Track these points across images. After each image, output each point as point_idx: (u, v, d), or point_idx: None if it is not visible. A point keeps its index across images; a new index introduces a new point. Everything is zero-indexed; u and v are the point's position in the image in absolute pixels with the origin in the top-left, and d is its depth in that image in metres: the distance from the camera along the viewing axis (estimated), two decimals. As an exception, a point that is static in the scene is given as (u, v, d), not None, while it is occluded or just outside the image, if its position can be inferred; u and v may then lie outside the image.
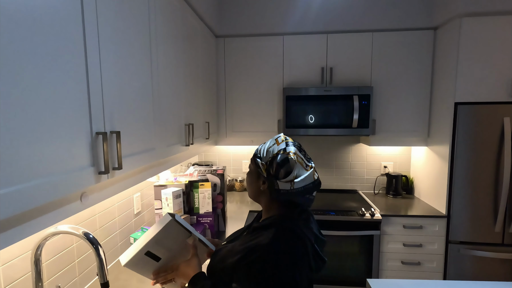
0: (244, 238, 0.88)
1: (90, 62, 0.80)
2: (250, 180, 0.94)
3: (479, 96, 1.96)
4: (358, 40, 2.27)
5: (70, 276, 1.17)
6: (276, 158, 0.84)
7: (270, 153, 0.87)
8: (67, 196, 0.76)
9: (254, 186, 0.92)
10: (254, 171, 0.92)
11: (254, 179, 0.91)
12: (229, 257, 0.83)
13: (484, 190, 2.00)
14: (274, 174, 0.84)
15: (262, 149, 0.90)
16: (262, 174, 0.87)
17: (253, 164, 0.91)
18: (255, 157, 0.90)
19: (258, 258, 0.76)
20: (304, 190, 0.83)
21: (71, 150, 0.74)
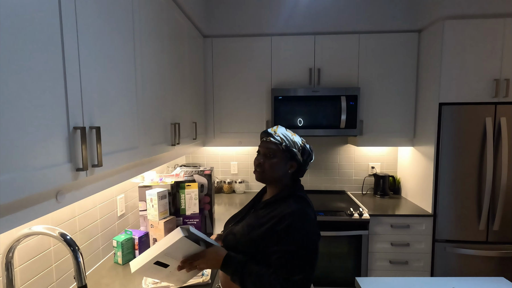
0: (260, 213, 1.05)
1: (67, 56, 0.77)
2: (277, 166, 1.06)
3: (462, 96, 2.01)
4: (345, 41, 2.30)
5: (46, 282, 1.11)
6: (305, 147, 1.08)
7: (297, 143, 1.07)
8: (41, 193, 0.71)
9: (281, 170, 1.06)
10: (283, 158, 1.06)
11: (283, 163, 1.06)
12: (252, 230, 1.00)
13: (468, 189, 2.04)
14: (306, 159, 1.08)
15: (288, 140, 1.06)
16: (297, 160, 1.07)
17: (281, 153, 1.06)
18: (289, 148, 1.05)
19: (289, 223, 0.94)
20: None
21: (46, 145, 0.70)
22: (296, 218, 0.95)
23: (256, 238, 0.98)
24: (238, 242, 1.02)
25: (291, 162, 1.07)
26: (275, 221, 0.96)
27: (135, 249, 1.46)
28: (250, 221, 1.04)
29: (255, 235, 0.99)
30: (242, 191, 2.70)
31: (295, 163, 1.07)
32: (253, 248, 0.98)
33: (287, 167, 1.07)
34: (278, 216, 0.97)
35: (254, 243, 0.98)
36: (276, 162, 1.06)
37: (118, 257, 1.40)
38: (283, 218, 0.95)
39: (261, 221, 1.00)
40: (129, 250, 1.43)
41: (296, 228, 0.94)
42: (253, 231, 1.00)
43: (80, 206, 1.30)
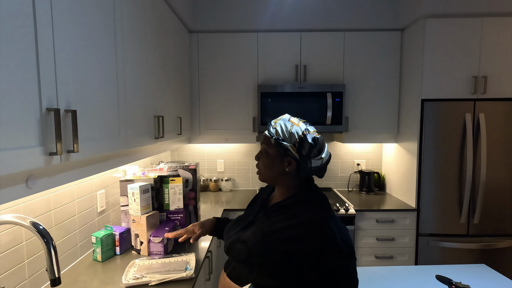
0: (274, 217, 0.88)
1: (40, 35, 0.72)
2: (270, 164, 0.92)
3: (443, 93, 2.06)
4: (330, 39, 2.32)
5: (17, 278, 1.04)
6: (305, 139, 0.87)
7: (295, 134, 0.88)
8: (9, 175, 0.67)
9: (275, 169, 0.91)
10: (275, 154, 0.91)
11: (277, 162, 0.91)
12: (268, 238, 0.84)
13: (450, 183, 2.09)
14: (307, 154, 0.87)
15: (283, 132, 0.89)
16: (291, 155, 0.88)
17: (272, 148, 0.91)
18: (280, 141, 0.88)
19: (324, 231, 0.80)
20: (327, 162, 0.90)
21: (15, 124, 0.66)
22: (331, 226, 0.80)
23: (276, 247, 0.82)
24: (251, 251, 0.85)
25: (287, 159, 0.89)
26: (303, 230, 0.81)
27: (115, 246, 1.40)
28: (263, 227, 0.88)
29: (272, 243, 0.83)
30: (228, 189, 2.66)
31: (291, 159, 0.89)
32: (269, 259, 0.82)
33: (284, 164, 0.90)
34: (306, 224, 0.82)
35: (273, 254, 0.81)
36: (267, 160, 0.92)
37: (97, 254, 1.34)
38: (314, 227, 0.81)
39: (279, 226, 0.85)
40: (109, 246, 1.37)
41: (337, 239, 0.79)
42: (269, 238, 0.84)
43: (57, 200, 1.23)
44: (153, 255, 1.36)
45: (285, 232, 0.82)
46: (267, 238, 0.84)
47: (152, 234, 1.37)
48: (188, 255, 1.34)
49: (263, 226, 0.89)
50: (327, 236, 0.79)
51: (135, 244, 1.43)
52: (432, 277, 1.28)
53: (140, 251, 1.41)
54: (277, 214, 0.89)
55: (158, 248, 1.35)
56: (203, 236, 1.33)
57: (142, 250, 1.40)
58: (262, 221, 0.91)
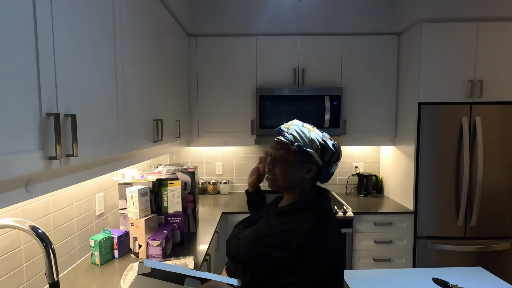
0: (273, 220, 0.89)
1: (40, 42, 0.73)
2: (288, 171, 0.89)
3: (439, 96, 2.08)
4: (328, 42, 2.34)
5: (16, 282, 1.04)
6: (327, 145, 0.88)
7: (316, 141, 0.88)
8: (9, 180, 0.67)
9: (294, 176, 0.89)
10: (294, 161, 0.88)
11: (296, 168, 0.89)
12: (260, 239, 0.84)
13: (447, 186, 2.10)
14: (328, 160, 0.88)
15: (302, 138, 0.87)
16: (315, 162, 0.88)
17: (292, 155, 0.88)
18: (302, 148, 0.86)
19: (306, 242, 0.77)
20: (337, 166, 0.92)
21: (15, 129, 0.66)
22: (319, 240, 0.77)
23: (260, 249, 0.82)
24: (240, 249, 0.87)
25: (308, 165, 0.88)
26: (288, 237, 0.80)
27: (114, 249, 1.40)
28: (260, 228, 0.89)
29: (260, 246, 0.83)
30: (227, 192, 2.67)
31: (313, 166, 0.88)
32: (254, 261, 0.82)
33: (303, 171, 0.89)
34: (292, 231, 0.80)
35: (256, 255, 0.82)
36: (287, 167, 0.89)
37: (96, 257, 1.34)
38: (298, 236, 0.78)
39: (272, 230, 0.85)
40: (108, 250, 1.37)
41: (318, 254, 0.76)
42: (260, 239, 0.84)
43: (55, 203, 1.24)
44: (152, 258, 1.36)
45: (273, 237, 0.83)
46: (258, 240, 0.85)
47: (151, 237, 1.38)
48: (187, 258, 1.35)
49: (261, 227, 0.89)
50: (308, 248, 0.76)
51: (133, 248, 1.43)
52: (429, 280, 1.28)
53: (138, 254, 1.41)
54: (277, 218, 0.89)
55: (156, 251, 1.36)
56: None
57: (140, 254, 1.40)
58: (263, 222, 0.92)
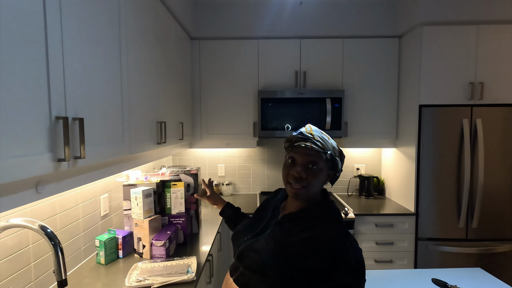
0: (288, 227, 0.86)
1: (51, 49, 0.76)
2: (322, 179, 0.87)
3: (440, 99, 2.10)
4: (329, 45, 2.37)
5: (24, 281, 1.07)
6: (342, 152, 0.92)
7: (337, 148, 0.90)
8: (20, 181, 0.70)
9: (321, 183, 0.88)
10: (325, 169, 0.87)
11: (324, 176, 0.88)
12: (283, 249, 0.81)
13: (448, 188, 2.11)
14: (341, 167, 0.92)
15: (327, 145, 0.87)
16: (338, 169, 0.90)
17: (323, 162, 0.86)
18: (333, 156, 0.87)
19: (339, 249, 0.77)
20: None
21: (27, 132, 0.69)
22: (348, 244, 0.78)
23: (289, 260, 0.79)
24: (265, 263, 0.81)
25: (330, 172, 0.89)
26: (317, 244, 0.79)
27: (118, 249, 1.43)
28: (277, 237, 0.85)
29: (287, 256, 0.80)
30: (229, 193, 2.69)
31: (332, 172, 0.89)
32: (287, 273, 0.78)
33: (326, 178, 0.89)
34: (320, 239, 0.80)
35: (288, 267, 0.79)
36: (321, 174, 0.86)
37: (101, 257, 1.36)
38: (330, 244, 0.78)
39: (294, 239, 0.82)
40: (112, 250, 1.40)
41: (349, 258, 0.76)
42: (284, 250, 0.81)
43: (62, 204, 1.27)
44: (155, 258, 1.39)
45: (301, 246, 0.80)
46: (282, 251, 0.81)
47: (155, 238, 1.40)
48: (190, 259, 1.37)
49: (277, 237, 0.85)
50: (340, 253, 0.77)
51: (137, 248, 1.46)
52: (428, 281, 1.30)
53: (142, 255, 1.44)
54: (292, 225, 0.86)
55: (160, 251, 1.38)
56: (206, 199, 1.45)
57: (144, 254, 1.43)
58: (275, 231, 0.87)
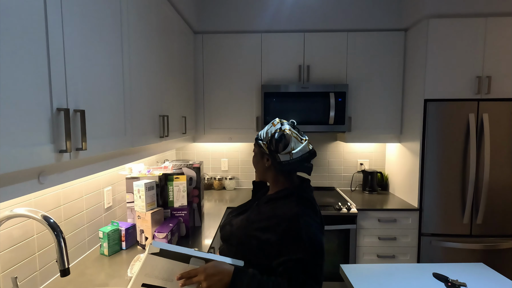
0: (262, 208, 0.98)
1: (51, 42, 0.77)
2: (256, 161, 1.07)
3: (446, 93, 2.07)
4: (333, 39, 2.34)
5: (29, 270, 1.09)
6: (274, 136, 0.98)
7: (269, 134, 1.00)
8: (23, 171, 0.71)
9: (260, 165, 1.05)
10: (257, 152, 1.05)
11: (259, 158, 1.04)
12: (250, 225, 0.94)
13: (453, 183, 2.09)
14: (275, 149, 0.98)
15: (262, 133, 1.03)
16: (265, 152, 1.00)
17: (256, 147, 1.05)
18: (257, 140, 1.04)
19: (293, 229, 0.87)
20: (302, 159, 0.97)
21: (29, 123, 0.70)
22: (301, 222, 0.87)
23: (251, 234, 0.92)
24: (232, 234, 0.98)
25: (266, 156, 1.01)
26: (275, 222, 0.90)
27: (121, 241, 1.45)
28: (251, 215, 0.99)
29: (251, 231, 0.93)
30: (232, 188, 2.70)
31: (267, 155, 1.00)
32: (245, 244, 0.93)
33: (264, 161, 1.02)
34: (279, 217, 0.90)
35: (247, 239, 0.93)
36: (254, 158, 1.07)
37: (104, 248, 1.39)
38: (284, 221, 0.89)
39: (261, 217, 0.94)
40: (116, 241, 1.42)
41: (302, 234, 0.85)
42: (250, 225, 0.94)
43: (66, 196, 1.29)
44: (158, 250, 1.41)
45: (262, 222, 0.93)
46: (249, 226, 0.95)
47: (157, 230, 1.42)
48: (191, 251, 1.38)
49: (251, 215, 0.99)
50: (293, 229, 0.87)
51: (140, 240, 1.48)
52: (429, 275, 1.29)
53: (145, 246, 1.46)
54: (265, 205, 0.99)
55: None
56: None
57: (147, 245, 1.45)
58: (253, 210, 1.01)
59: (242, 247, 0.94)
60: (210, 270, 0.79)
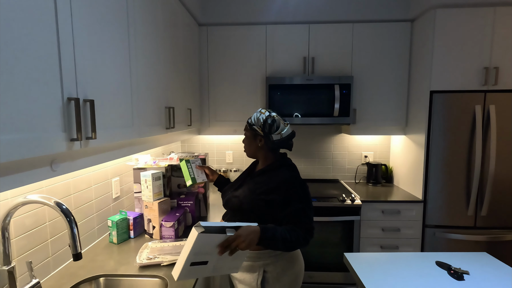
0: (257, 179, 1.23)
1: (61, 35, 0.78)
2: (248, 142, 1.30)
3: (452, 84, 2.05)
4: (339, 30, 2.32)
5: (42, 255, 1.13)
6: (267, 121, 1.22)
7: (260, 119, 1.23)
8: (36, 159, 0.74)
9: (253, 146, 1.28)
10: (251, 136, 1.28)
11: (252, 140, 1.28)
12: (254, 193, 1.19)
13: (458, 175, 2.09)
14: (268, 131, 1.23)
15: (253, 119, 1.26)
16: (259, 134, 1.24)
17: (249, 131, 1.28)
18: (251, 125, 1.26)
19: (290, 186, 1.15)
20: (288, 138, 1.24)
21: (42, 112, 0.72)
22: (295, 183, 1.17)
23: (258, 197, 1.17)
24: (242, 202, 1.21)
25: (258, 137, 1.25)
26: (275, 185, 1.16)
27: (129, 230, 1.49)
28: (250, 186, 1.23)
29: (257, 195, 1.18)
30: (237, 180, 2.72)
31: (260, 137, 1.24)
32: (256, 206, 1.18)
33: (257, 142, 1.26)
34: (278, 182, 1.17)
35: (257, 202, 1.18)
36: (247, 140, 1.30)
37: (113, 236, 1.42)
38: (283, 184, 1.16)
39: (260, 184, 1.20)
40: (124, 230, 1.46)
41: (298, 191, 1.15)
42: (254, 192, 1.19)
43: (75, 185, 1.32)
44: (165, 238, 1.44)
45: (263, 187, 1.19)
46: (252, 193, 1.20)
47: (164, 219, 1.45)
48: (198, 239, 1.41)
49: (250, 185, 1.24)
50: (291, 188, 1.15)
51: (147, 229, 1.51)
52: (432, 263, 1.31)
53: (152, 235, 1.49)
54: (260, 177, 1.24)
55: (169, 232, 1.43)
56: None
57: (154, 234, 1.48)
58: (249, 183, 1.26)
59: (253, 209, 1.18)
60: (244, 232, 0.96)
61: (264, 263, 1.19)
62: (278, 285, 1.18)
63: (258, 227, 1.01)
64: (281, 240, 1.05)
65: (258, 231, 1.01)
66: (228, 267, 1.03)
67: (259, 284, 1.17)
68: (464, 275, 1.18)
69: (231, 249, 0.94)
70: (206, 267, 0.96)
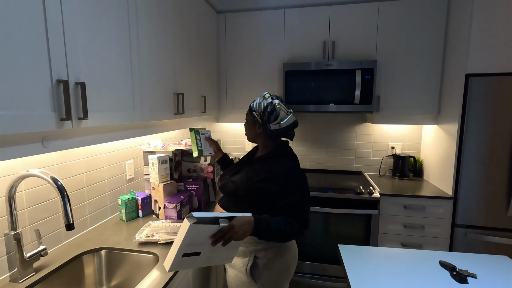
0: (256, 166, 1.20)
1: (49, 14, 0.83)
2: (248, 127, 1.28)
3: (493, 67, 1.79)
4: (362, 11, 2.15)
5: (53, 226, 1.25)
6: (267, 108, 1.18)
7: (261, 106, 1.19)
8: (27, 134, 0.81)
9: (252, 131, 1.25)
10: (250, 120, 1.25)
11: (251, 126, 1.25)
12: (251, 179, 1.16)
13: (497, 170, 1.84)
14: (267, 120, 1.18)
15: (255, 105, 1.22)
16: (257, 121, 1.20)
17: (249, 116, 1.25)
18: (251, 111, 1.23)
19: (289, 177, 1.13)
20: (288, 128, 1.19)
21: (31, 92, 0.79)
22: (294, 174, 1.14)
23: (255, 185, 1.14)
24: (238, 188, 1.18)
25: (257, 124, 1.22)
26: (273, 175, 1.13)
27: (138, 209, 1.58)
28: (248, 172, 1.20)
29: (254, 183, 1.15)
30: (255, 168, 2.72)
31: (259, 124, 1.21)
32: (252, 194, 1.15)
33: (256, 128, 1.23)
34: (276, 172, 1.14)
35: (253, 189, 1.15)
36: (246, 125, 1.28)
37: (123, 214, 1.52)
38: (282, 174, 1.13)
39: (259, 172, 1.17)
40: (133, 209, 1.55)
41: (296, 182, 1.13)
42: (251, 179, 1.16)
43: (87, 165, 1.43)
44: (168, 219, 1.50)
45: (261, 175, 1.15)
46: (250, 180, 1.16)
47: (167, 201, 1.51)
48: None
49: (248, 171, 1.20)
50: (289, 178, 1.13)
51: (154, 209, 1.59)
52: (435, 263, 1.17)
53: (158, 215, 1.57)
54: (259, 164, 1.20)
55: (172, 213, 1.49)
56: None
57: (160, 215, 1.56)
58: (248, 169, 1.22)
59: (249, 196, 1.16)
60: (238, 223, 0.95)
61: (255, 248, 1.18)
62: (267, 272, 1.17)
63: (252, 218, 0.99)
64: (275, 231, 1.03)
65: (252, 221, 0.98)
66: (222, 258, 1.02)
67: (249, 269, 1.17)
68: (470, 278, 1.04)
69: (224, 240, 0.93)
70: (199, 258, 0.95)
